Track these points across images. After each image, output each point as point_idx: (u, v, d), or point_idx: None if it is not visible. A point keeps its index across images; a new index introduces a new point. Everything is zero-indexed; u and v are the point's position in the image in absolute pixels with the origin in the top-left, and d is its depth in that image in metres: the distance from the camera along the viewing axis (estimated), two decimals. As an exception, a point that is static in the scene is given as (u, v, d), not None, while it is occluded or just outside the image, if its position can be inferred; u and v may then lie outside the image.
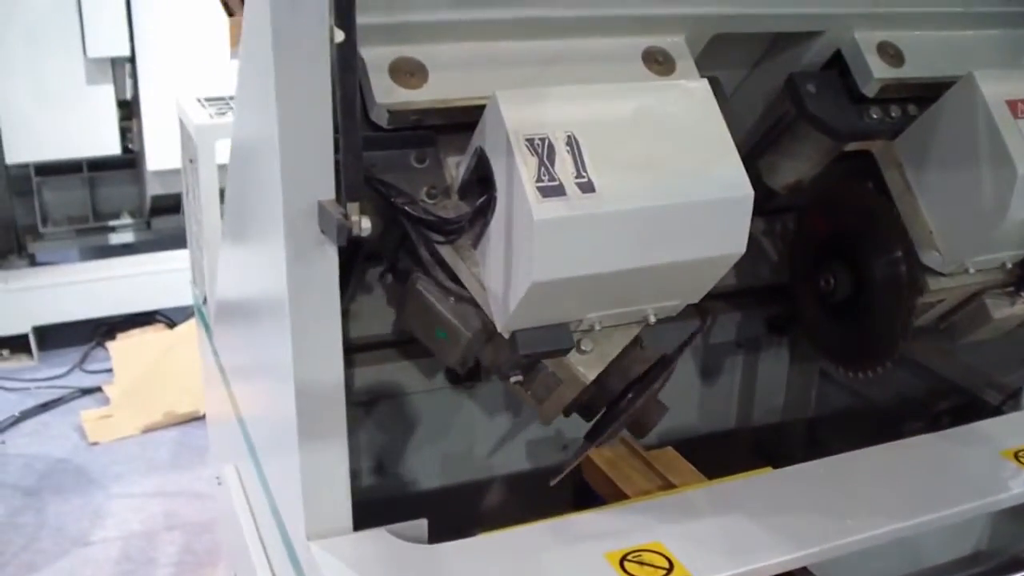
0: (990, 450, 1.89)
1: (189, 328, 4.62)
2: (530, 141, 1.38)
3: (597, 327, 1.58)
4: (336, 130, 1.33)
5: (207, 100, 2.63)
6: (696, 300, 1.64)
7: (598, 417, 1.73)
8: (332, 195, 1.38)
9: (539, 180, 1.36)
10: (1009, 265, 1.92)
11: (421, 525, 1.61)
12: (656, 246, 1.46)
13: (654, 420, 1.73)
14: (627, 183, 1.41)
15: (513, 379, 1.62)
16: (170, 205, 4.89)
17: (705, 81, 1.56)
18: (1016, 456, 1.86)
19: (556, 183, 1.37)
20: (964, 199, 1.78)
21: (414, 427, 2.28)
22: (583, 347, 1.59)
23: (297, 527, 1.58)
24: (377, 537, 1.57)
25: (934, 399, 2.39)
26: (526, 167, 1.36)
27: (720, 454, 2.75)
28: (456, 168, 1.57)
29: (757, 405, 2.83)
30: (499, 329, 1.52)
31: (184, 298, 4.64)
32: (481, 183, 1.48)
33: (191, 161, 2.53)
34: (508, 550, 1.59)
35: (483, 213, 1.47)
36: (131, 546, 3.46)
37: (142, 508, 3.69)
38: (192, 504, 3.70)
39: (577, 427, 2.40)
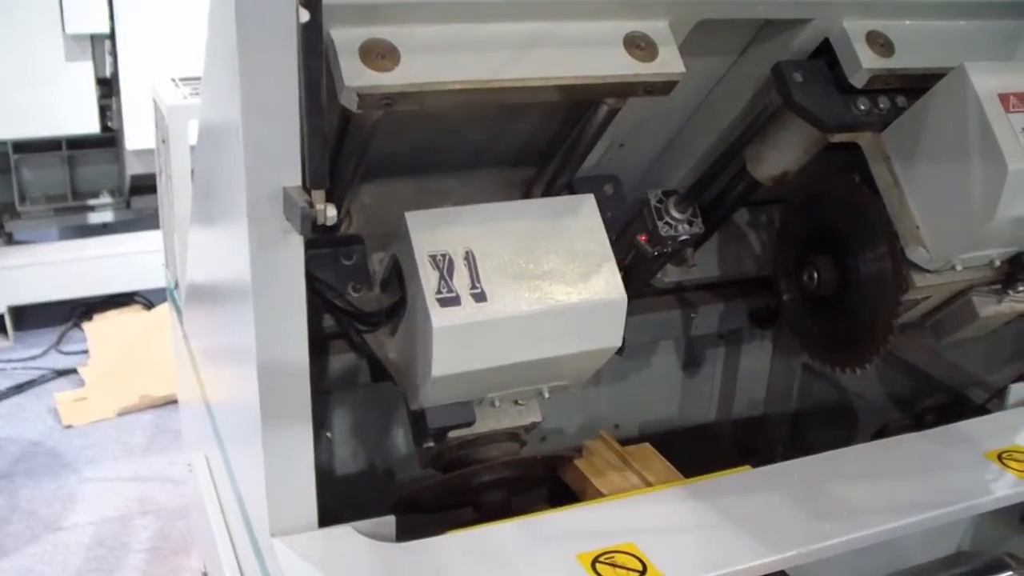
0: (974, 451, 1.87)
1: (167, 310, 4.56)
2: (432, 257, 1.58)
3: (497, 403, 1.79)
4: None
5: (182, 80, 2.58)
6: (583, 381, 1.82)
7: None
8: (298, 182, 1.33)
9: (439, 292, 1.56)
10: (997, 262, 1.89)
11: (389, 522, 1.58)
12: (541, 343, 1.65)
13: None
14: (515, 292, 1.60)
15: (426, 446, 1.79)
16: (150, 184, 4.80)
17: (591, 197, 1.72)
18: (1000, 458, 1.84)
19: (453, 294, 1.56)
20: (953, 195, 1.74)
21: (382, 417, 2.25)
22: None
23: (262, 523, 1.53)
24: (343, 535, 1.54)
25: (918, 396, 2.37)
26: (428, 280, 1.56)
27: (700, 447, 2.73)
28: (379, 264, 1.75)
29: (738, 398, 2.82)
30: (412, 407, 1.70)
31: (162, 280, 4.61)
32: (398, 280, 1.66)
33: (164, 141, 2.48)
34: (478, 549, 1.55)
35: (397, 311, 1.67)
36: (104, 531, 3.42)
37: (116, 492, 3.64)
38: (167, 489, 3.67)
39: (554, 418, 2.40)
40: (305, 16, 1.20)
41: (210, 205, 1.73)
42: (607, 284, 1.66)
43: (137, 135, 4.50)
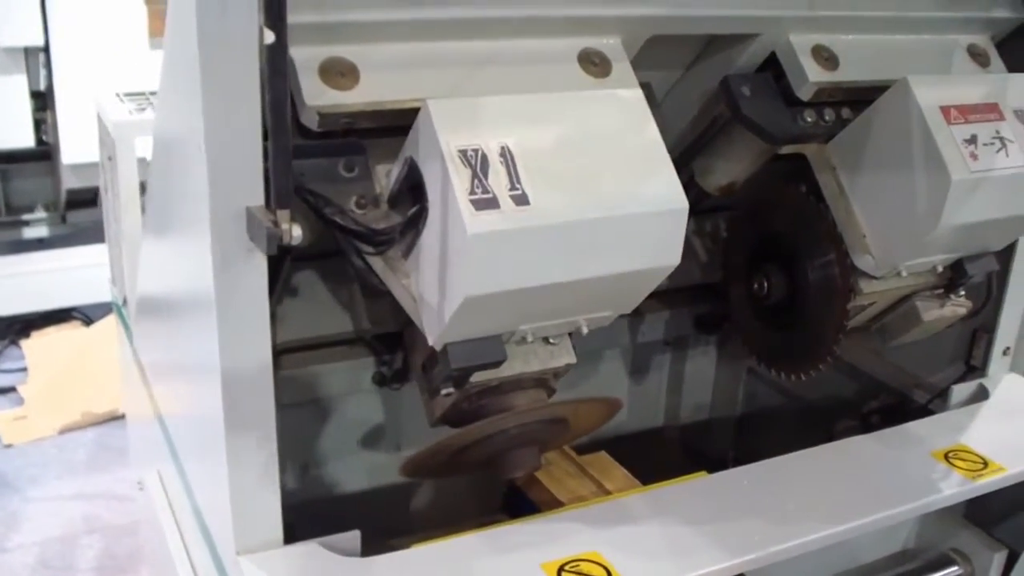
0: (921, 451, 1.92)
1: (106, 325, 4.51)
2: (463, 153, 1.35)
3: (530, 338, 1.57)
4: (265, 135, 1.29)
5: (126, 95, 2.55)
6: (629, 311, 1.63)
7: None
8: (261, 201, 1.34)
9: (472, 193, 1.33)
10: (940, 268, 1.93)
11: (354, 537, 1.58)
12: (590, 259, 1.44)
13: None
14: (561, 196, 1.39)
15: (444, 393, 1.60)
16: (86, 199, 4.77)
17: (639, 90, 1.55)
18: (946, 457, 1.89)
19: (490, 196, 1.34)
20: (897, 204, 1.78)
21: (340, 430, 2.23)
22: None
23: (226, 541, 1.53)
24: (309, 551, 1.53)
25: (864, 398, 2.41)
26: (459, 179, 1.33)
27: (649, 452, 2.76)
28: (385, 177, 1.54)
29: (685, 403, 2.84)
30: (431, 342, 1.50)
31: (101, 295, 4.54)
32: (412, 193, 1.46)
33: (109, 158, 2.45)
34: (444, 561, 1.56)
35: (414, 224, 1.45)
36: (49, 551, 3.37)
37: (60, 512, 3.59)
38: (112, 507, 3.62)
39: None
40: (270, 37, 1.20)
41: (167, 221, 1.72)
42: (667, 190, 1.47)
43: (73, 149, 4.43)
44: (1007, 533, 2.12)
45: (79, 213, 4.93)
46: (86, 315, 4.78)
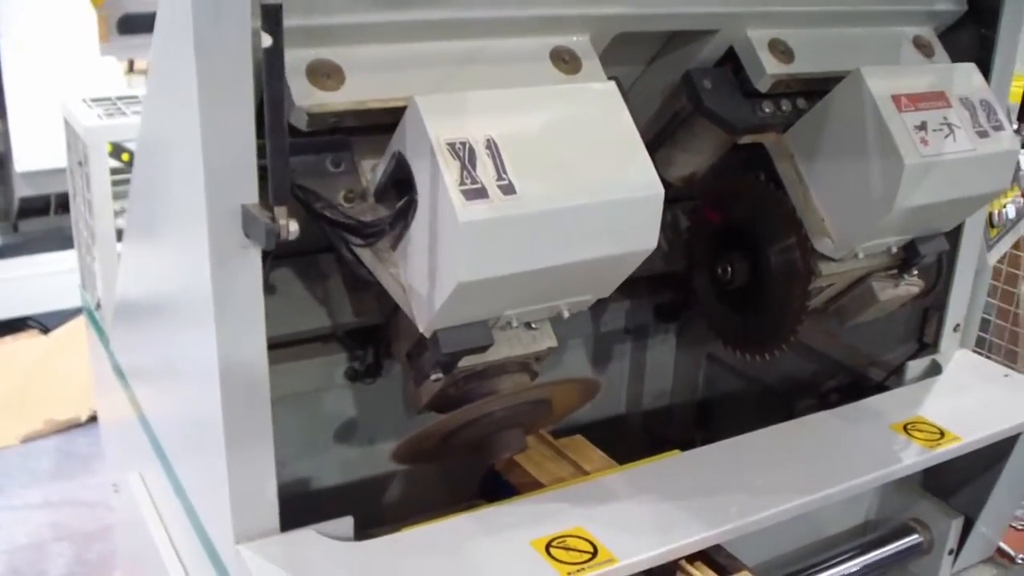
0: (881, 424, 2.00)
1: (65, 333, 4.51)
2: (451, 145, 1.41)
3: (514, 323, 1.63)
4: (259, 135, 1.35)
5: (92, 100, 2.58)
6: (607, 294, 1.70)
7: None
8: (255, 199, 1.40)
9: (462, 183, 1.38)
10: (894, 249, 2.01)
11: (347, 523, 1.63)
12: (574, 244, 1.50)
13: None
14: (545, 185, 1.45)
15: (433, 378, 1.65)
16: (40, 207, 4.76)
17: (613, 83, 1.62)
18: (905, 429, 1.97)
19: (479, 186, 1.40)
20: (854, 188, 1.85)
21: (315, 426, 2.28)
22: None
23: (223, 531, 1.58)
24: (305, 537, 1.59)
25: (821, 378, 2.48)
26: (449, 171, 1.39)
27: (613, 438, 2.81)
28: (371, 172, 1.59)
29: (647, 390, 2.90)
30: (421, 329, 1.55)
31: (58, 302, 4.55)
32: (399, 186, 1.51)
33: (80, 164, 2.48)
34: (436, 542, 1.62)
35: (404, 216, 1.49)
36: (18, 560, 3.38)
37: (27, 520, 3.60)
38: (80, 513, 3.63)
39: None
40: (267, 41, 1.26)
41: (154, 223, 1.76)
42: (642, 177, 1.54)
43: (26, 157, 4.43)
44: (962, 501, 2.21)
45: (32, 222, 4.92)
46: (43, 324, 4.76)
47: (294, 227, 1.34)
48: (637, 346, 2.85)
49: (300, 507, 1.60)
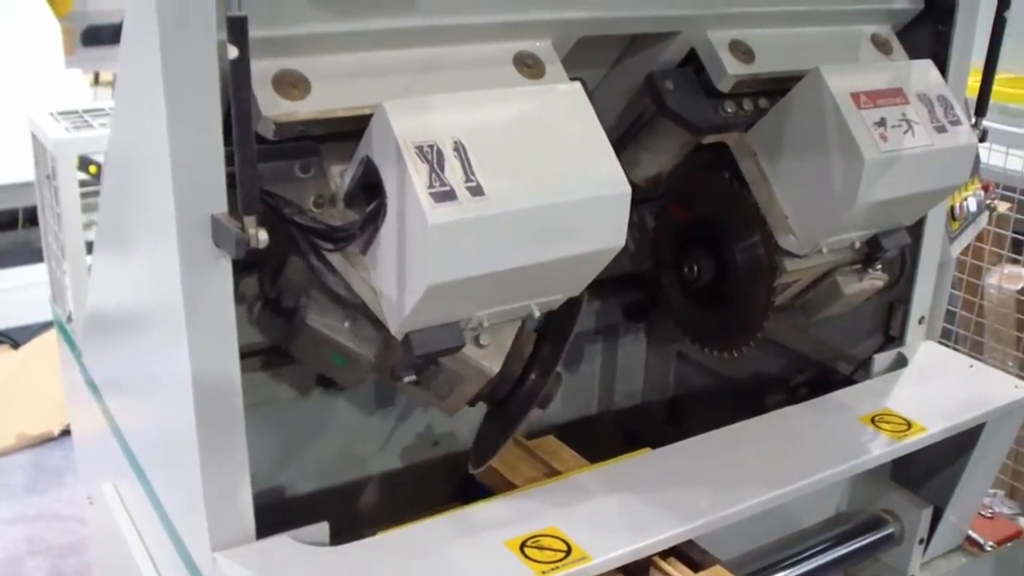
0: (849, 417, 2.02)
1: (36, 347, 4.49)
2: (419, 148, 1.42)
3: (485, 324, 1.64)
4: (228, 143, 1.36)
5: (59, 114, 2.57)
6: (576, 293, 1.72)
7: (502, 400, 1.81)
8: (224, 209, 1.41)
9: (431, 186, 1.40)
10: (858, 244, 2.03)
11: (322, 528, 1.64)
12: (543, 244, 1.52)
13: (554, 391, 1.81)
14: (513, 185, 1.47)
15: (407, 379, 1.66)
16: (8, 221, 4.73)
17: (578, 83, 1.64)
18: (873, 421, 2.00)
19: (447, 188, 1.41)
20: (816, 185, 1.88)
21: (287, 434, 2.29)
22: (482, 342, 1.66)
23: (199, 539, 1.58)
24: (281, 544, 1.59)
25: (790, 373, 2.50)
26: (418, 174, 1.40)
27: (586, 439, 2.82)
28: (340, 177, 1.60)
29: (618, 390, 2.93)
30: (393, 332, 1.57)
31: (27, 317, 4.52)
32: (368, 191, 1.52)
33: (48, 177, 2.48)
34: (411, 545, 1.63)
35: (374, 219, 1.50)
36: (-5, 575, 3.37)
37: (2, 535, 3.57)
38: (55, 527, 3.61)
39: (444, 422, 2.48)
40: (234, 52, 1.27)
41: (124, 235, 1.77)
42: (609, 176, 1.56)
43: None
44: (931, 491, 2.23)
45: (0, 236, 4.88)
46: (13, 338, 4.73)
47: (263, 236, 1.35)
48: (608, 346, 2.88)
49: (277, 514, 1.62)
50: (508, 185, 1.46)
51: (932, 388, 2.17)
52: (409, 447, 2.50)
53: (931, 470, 2.23)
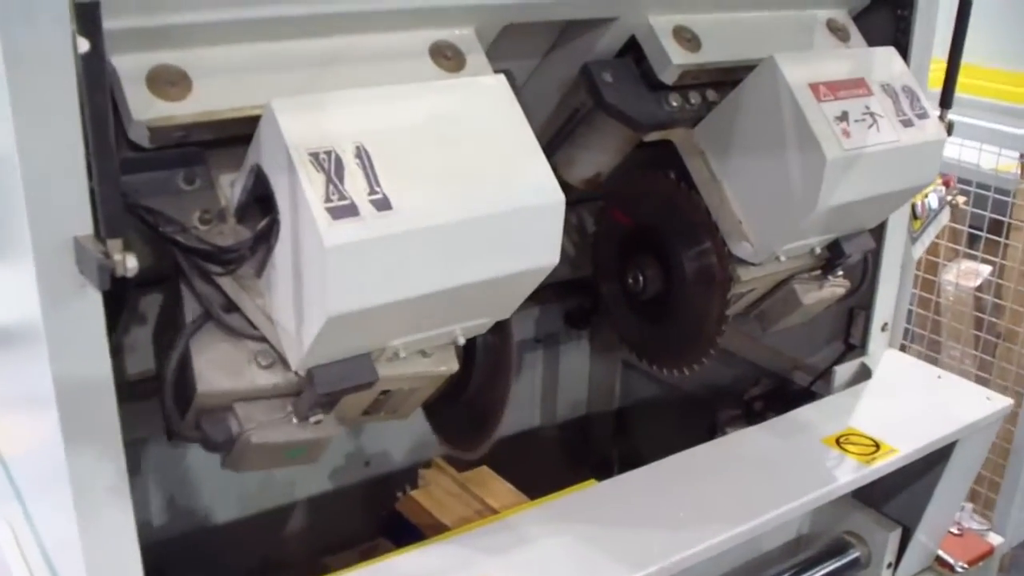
0: (812, 438, 1.90)
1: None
2: (314, 156, 1.23)
3: (402, 354, 1.45)
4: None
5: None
6: (507, 316, 1.54)
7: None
8: (91, 230, 1.20)
9: (328, 200, 1.21)
10: (817, 250, 1.91)
11: None
12: (463, 264, 1.34)
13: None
14: (426, 197, 1.28)
15: (313, 420, 1.46)
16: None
17: (502, 76, 1.45)
18: (838, 442, 1.89)
19: (347, 202, 1.22)
20: (772, 187, 1.74)
21: (203, 459, 2.09)
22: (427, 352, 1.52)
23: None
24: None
25: (744, 385, 2.39)
26: (312, 186, 1.21)
27: (528, 454, 2.71)
28: (231, 188, 1.41)
29: (561, 400, 2.83)
30: (293, 367, 1.38)
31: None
32: (261, 205, 1.33)
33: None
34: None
35: (266, 238, 1.32)
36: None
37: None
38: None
39: (375, 441, 2.33)
40: (84, 45, 1.06)
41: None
42: (540, 183, 1.38)
43: None
44: (898, 509, 2.11)
45: None
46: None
47: (132, 263, 1.15)
48: (549, 355, 2.77)
49: (196, 546, 1.42)
50: (420, 197, 1.27)
51: (899, 403, 2.07)
52: (338, 468, 2.36)
53: (898, 487, 2.10)
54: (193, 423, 1.46)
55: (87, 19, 1.06)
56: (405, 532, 1.87)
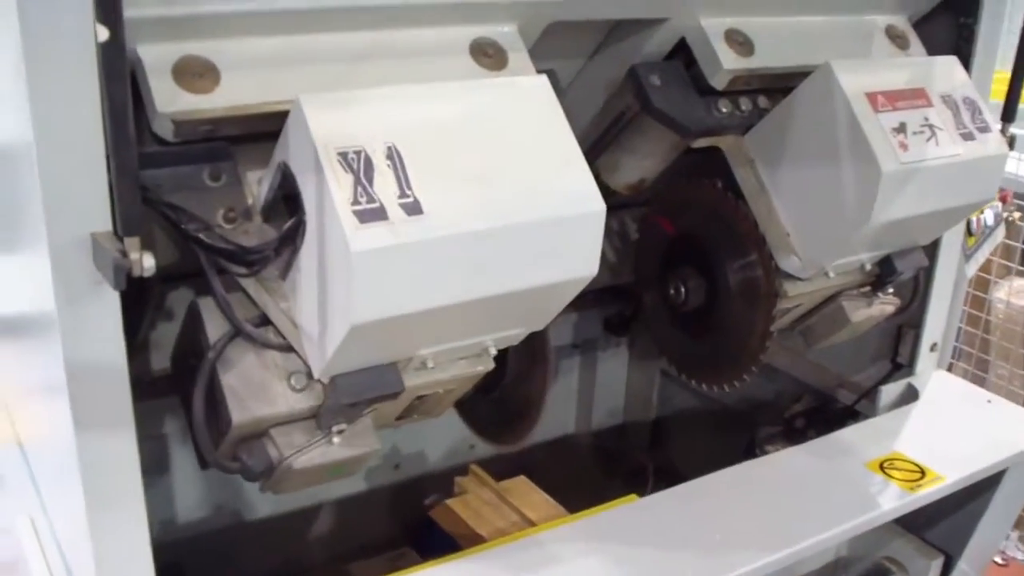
0: (855, 462, 1.85)
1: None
2: (343, 155, 1.18)
3: (430, 364, 1.40)
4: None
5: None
6: (542, 327, 1.48)
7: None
8: (109, 226, 1.16)
9: (355, 202, 1.16)
10: (868, 266, 1.85)
11: None
12: (495, 274, 1.28)
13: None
14: (460, 202, 1.23)
15: (336, 429, 1.40)
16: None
17: (544, 77, 1.39)
18: (882, 467, 1.83)
19: (376, 205, 1.17)
20: (823, 200, 1.69)
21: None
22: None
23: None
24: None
25: (785, 401, 2.34)
26: (339, 187, 1.16)
27: (563, 461, 2.67)
28: (258, 185, 1.36)
29: (597, 407, 2.79)
30: (316, 375, 1.33)
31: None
32: (288, 202, 1.28)
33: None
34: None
35: (291, 239, 1.27)
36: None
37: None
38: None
39: (408, 443, 2.31)
40: (104, 34, 1.02)
41: (13, 236, 1.52)
42: (580, 191, 1.31)
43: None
44: (941, 537, 2.06)
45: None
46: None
47: (149, 263, 1.10)
48: (586, 361, 2.74)
49: (220, 546, 1.37)
50: (453, 202, 1.21)
51: (947, 427, 2.00)
52: (368, 471, 2.33)
53: (942, 514, 2.04)
54: (230, 454, 1.40)
55: (107, 6, 1.02)
56: (438, 541, 1.84)
